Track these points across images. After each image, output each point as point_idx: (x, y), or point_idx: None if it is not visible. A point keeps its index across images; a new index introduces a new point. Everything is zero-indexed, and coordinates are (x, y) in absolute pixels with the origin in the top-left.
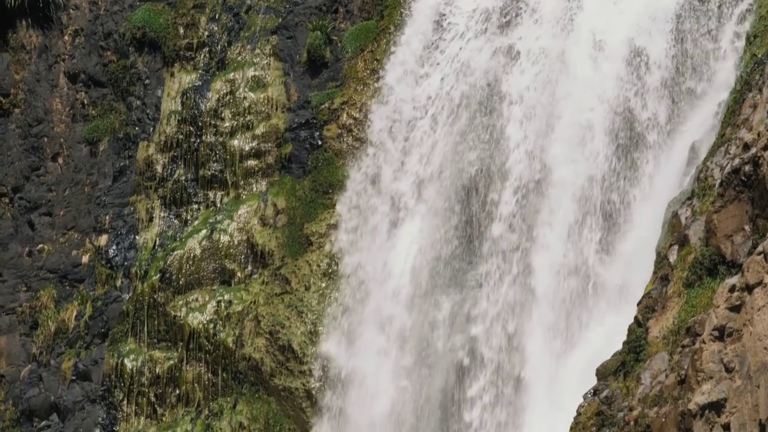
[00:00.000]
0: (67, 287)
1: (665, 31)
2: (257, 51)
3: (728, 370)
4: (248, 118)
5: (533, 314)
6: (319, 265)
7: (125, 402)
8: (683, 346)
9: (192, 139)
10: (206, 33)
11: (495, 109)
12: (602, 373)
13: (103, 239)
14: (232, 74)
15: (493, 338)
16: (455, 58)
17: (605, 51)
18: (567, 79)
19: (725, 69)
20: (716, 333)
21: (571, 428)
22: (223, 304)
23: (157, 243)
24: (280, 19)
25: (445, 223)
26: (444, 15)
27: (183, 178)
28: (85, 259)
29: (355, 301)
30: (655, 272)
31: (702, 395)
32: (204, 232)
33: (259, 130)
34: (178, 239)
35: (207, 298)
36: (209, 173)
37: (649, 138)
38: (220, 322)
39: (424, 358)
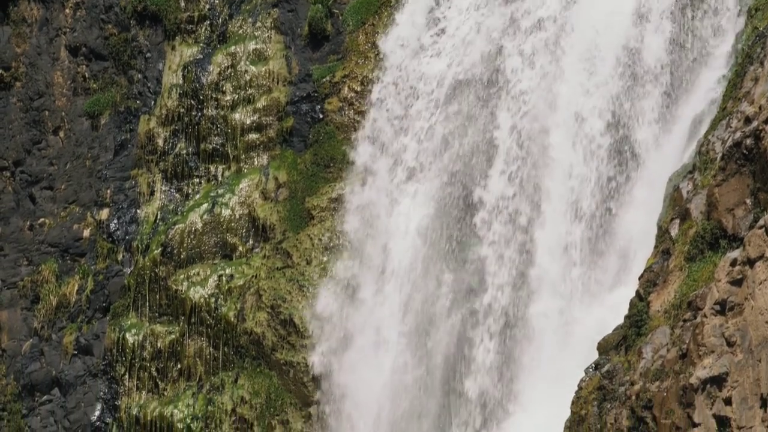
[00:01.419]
0: (69, 261)
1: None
2: (258, 24)
3: (729, 344)
4: (249, 91)
5: None
6: (320, 239)
7: (127, 376)
8: (684, 320)
9: (193, 113)
10: (207, 6)
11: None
12: (603, 348)
13: (105, 213)
14: (233, 47)
15: None
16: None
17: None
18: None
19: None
20: (717, 307)
21: (573, 403)
22: (224, 279)
23: (159, 217)
24: None
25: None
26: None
27: (184, 151)
28: (86, 233)
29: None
30: (656, 246)
31: (703, 369)
32: (205, 206)
33: (261, 103)
34: (179, 213)
35: (208, 272)
36: (210, 147)
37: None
38: (222, 297)
39: None
